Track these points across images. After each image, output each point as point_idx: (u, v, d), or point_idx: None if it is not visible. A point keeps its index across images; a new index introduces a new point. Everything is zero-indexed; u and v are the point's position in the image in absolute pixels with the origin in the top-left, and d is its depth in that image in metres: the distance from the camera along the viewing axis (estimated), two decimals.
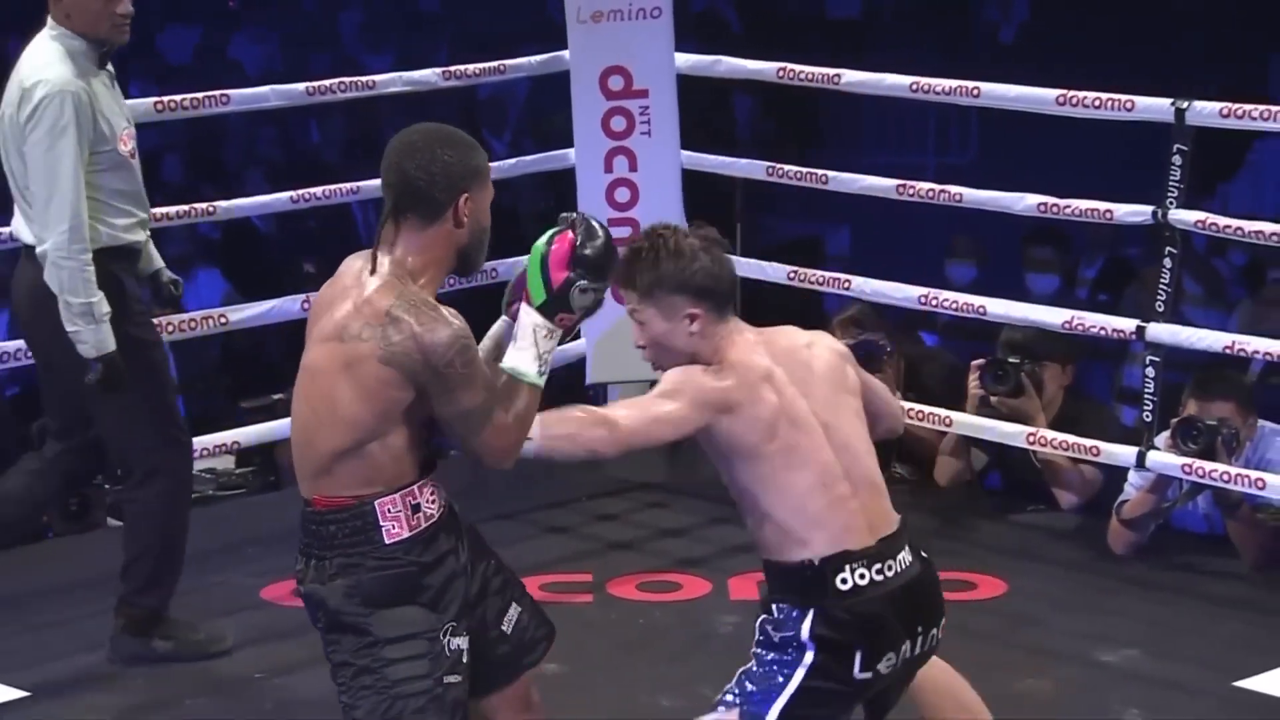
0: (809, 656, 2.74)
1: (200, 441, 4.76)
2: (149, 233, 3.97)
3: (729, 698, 2.79)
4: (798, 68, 4.96)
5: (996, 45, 9.17)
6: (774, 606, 2.78)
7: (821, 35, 9.10)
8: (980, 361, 4.78)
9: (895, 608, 2.76)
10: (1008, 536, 4.74)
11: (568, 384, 5.70)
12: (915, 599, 2.79)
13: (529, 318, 2.73)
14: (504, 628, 2.85)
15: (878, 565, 2.76)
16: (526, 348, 2.71)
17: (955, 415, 4.75)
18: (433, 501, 2.75)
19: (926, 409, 4.80)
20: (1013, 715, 3.77)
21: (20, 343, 4.58)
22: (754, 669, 2.78)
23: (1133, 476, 4.52)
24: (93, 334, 3.75)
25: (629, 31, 5.07)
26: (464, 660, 2.75)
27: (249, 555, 4.49)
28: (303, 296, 4.74)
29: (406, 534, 2.72)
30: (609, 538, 4.74)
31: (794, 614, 2.75)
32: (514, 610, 2.87)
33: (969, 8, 9.54)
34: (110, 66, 3.86)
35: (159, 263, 4.05)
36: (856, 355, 4.84)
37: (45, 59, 3.76)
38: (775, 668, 2.76)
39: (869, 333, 4.96)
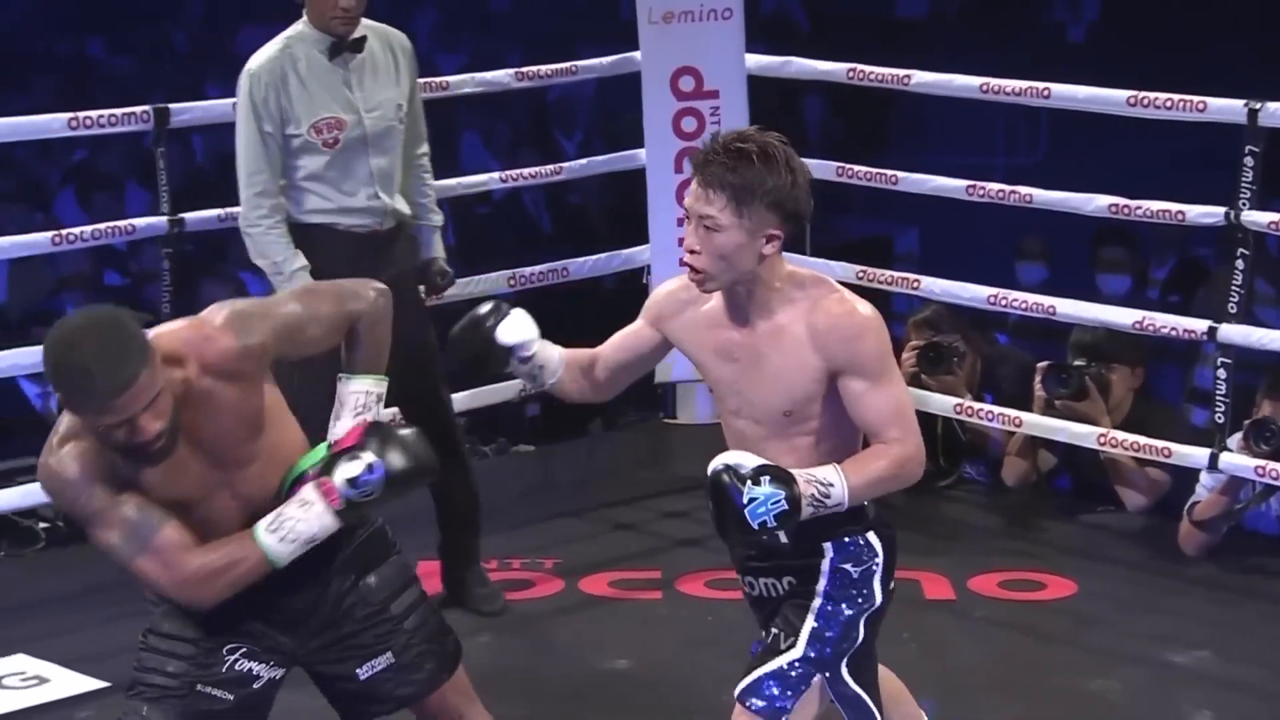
0: (878, 598, 2.72)
1: None
2: (375, 221, 4.05)
3: (801, 669, 2.69)
4: (868, 68, 4.93)
5: (1065, 45, 9.11)
6: (829, 545, 2.70)
7: (889, 36, 9.06)
8: (1044, 365, 4.74)
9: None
10: (1076, 537, 4.70)
11: (635, 385, 5.69)
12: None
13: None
14: (359, 672, 2.83)
15: None
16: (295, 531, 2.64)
17: (1026, 416, 4.71)
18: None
19: (997, 409, 4.76)
20: (1082, 715, 3.74)
21: None
22: (827, 629, 2.70)
23: (1205, 478, 4.47)
24: (289, 285, 3.96)
25: (700, 32, 5.06)
26: (251, 685, 2.75)
27: None
28: None
29: None
30: (677, 535, 4.73)
31: (863, 542, 2.71)
32: (382, 660, 2.84)
33: (1037, 8, 9.47)
34: (355, 57, 3.99)
35: (433, 252, 4.20)
36: (927, 357, 4.89)
37: (264, 46, 4.01)
38: (844, 629, 2.70)
39: (943, 334, 4.93)
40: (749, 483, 2.59)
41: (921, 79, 4.85)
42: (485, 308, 2.83)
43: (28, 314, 6.31)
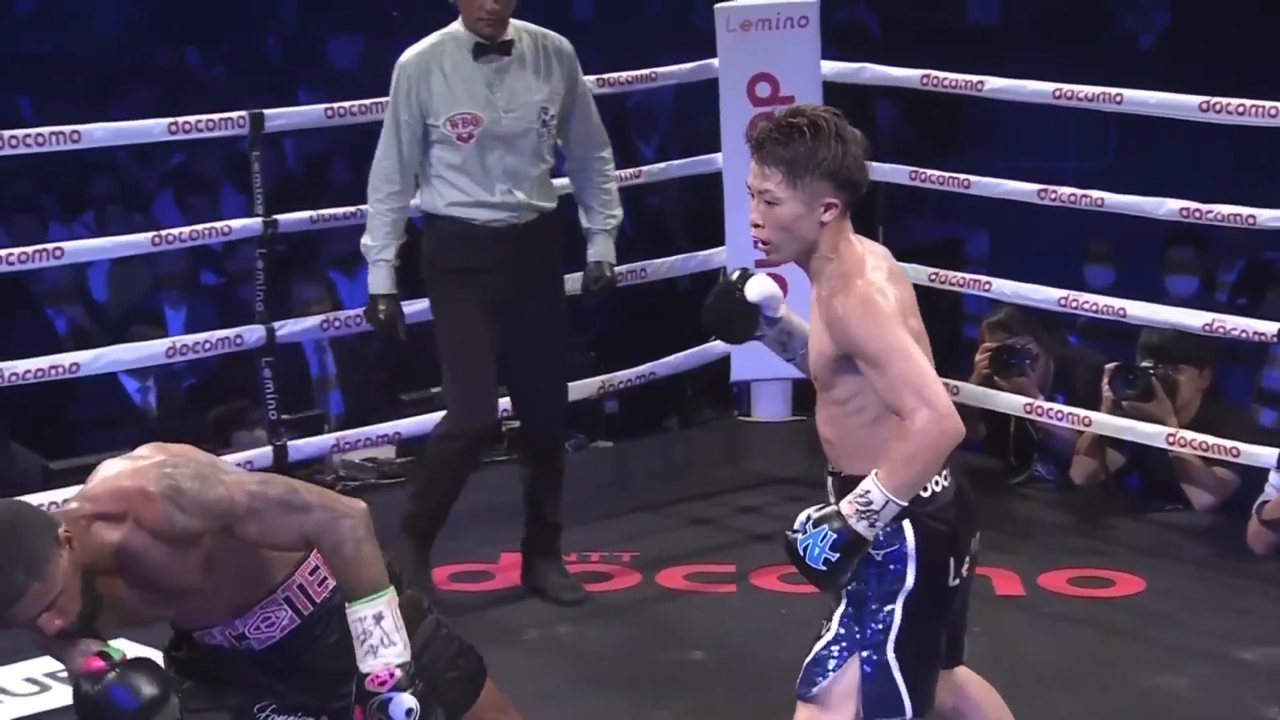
0: (910, 581, 2.70)
1: (363, 432, 4.82)
2: (511, 215, 4.08)
3: (837, 649, 2.72)
4: (941, 74, 4.89)
5: (1135, 52, 8.99)
6: None
7: (960, 42, 8.98)
8: (1112, 366, 4.69)
9: (962, 513, 2.75)
10: (1145, 535, 4.64)
11: (710, 383, 5.69)
12: (969, 503, 2.78)
13: None
14: None
15: (945, 471, 2.73)
16: None
17: (1095, 415, 4.65)
18: (271, 624, 2.68)
19: (1066, 409, 4.71)
20: (1151, 711, 3.69)
21: (199, 335, 4.66)
22: (857, 608, 2.71)
23: (1274, 477, 4.38)
24: (370, 272, 4.13)
25: (776, 40, 5.05)
26: None
27: None
28: None
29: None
30: (751, 530, 4.71)
31: (890, 529, 2.68)
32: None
33: (1107, 15, 9.36)
34: (501, 58, 4.04)
35: (596, 254, 4.25)
36: (1000, 360, 4.84)
37: (421, 41, 4.10)
38: (877, 605, 2.70)
39: (1016, 337, 4.88)
40: (799, 535, 2.66)
41: (995, 85, 4.80)
42: (735, 272, 2.90)
43: (128, 312, 6.38)
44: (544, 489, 4.22)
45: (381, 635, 2.57)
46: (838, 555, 2.63)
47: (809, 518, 2.67)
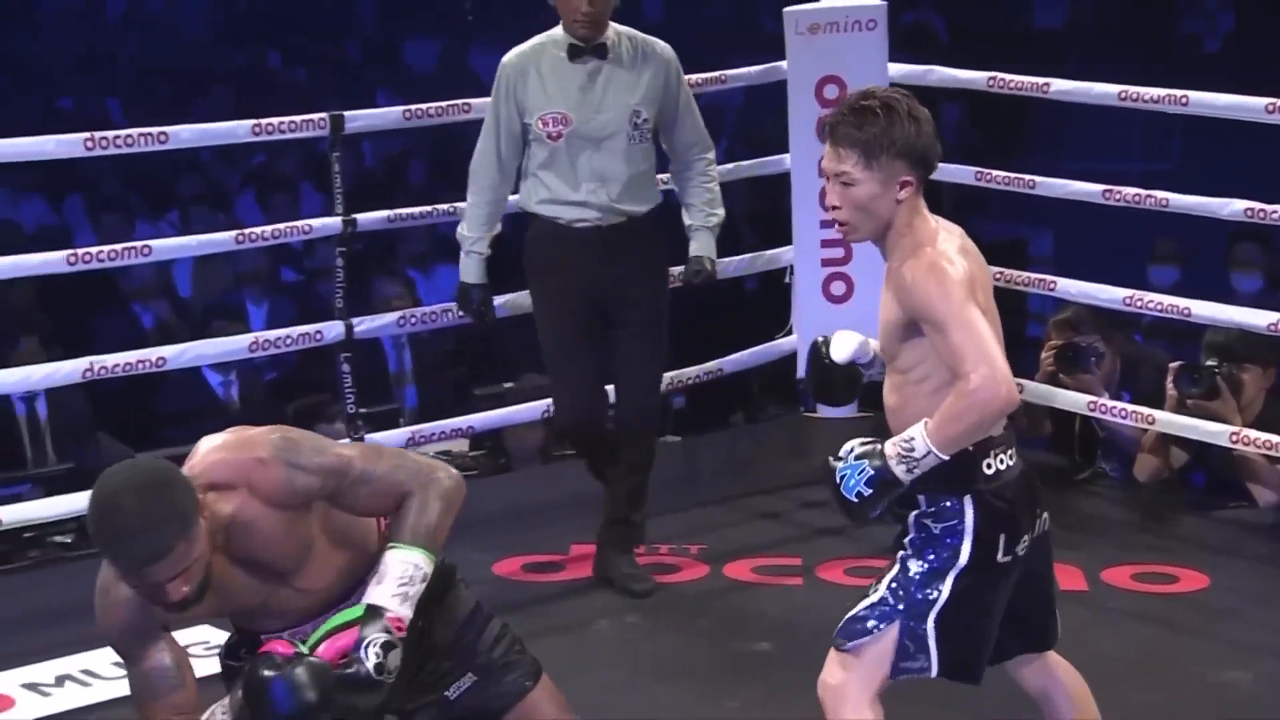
0: (964, 557, 2.70)
1: (437, 425, 4.85)
2: (597, 216, 4.11)
3: (880, 612, 2.73)
4: (1007, 77, 4.85)
5: (1201, 55, 8.91)
6: (921, 498, 2.72)
7: (1025, 46, 8.92)
8: (1176, 364, 4.64)
9: (1024, 492, 2.74)
10: (1209, 532, 4.59)
11: (776, 380, 5.68)
12: (1033, 483, 2.78)
13: None
14: (448, 694, 2.73)
15: (1010, 451, 2.74)
16: None
17: (1159, 414, 4.61)
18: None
19: (1130, 407, 4.67)
20: (1214, 706, 3.65)
21: (280, 331, 4.71)
22: (907, 576, 2.72)
23: None
24: (462, 261, 4.23)
25: (844, 43, 5.03)
26: None
27: (481, 532, 4.52)
28: None
29: None
30: (817, 524, 4.70)
31: (952, 503, 2.70)
32: (467, 680, 2.74)
33: (1172, 19, 9.27)
34: (596, 60, 4.07)
35: (699, 250, 4.28)
36: (1065, 357, 4.81)
37: (524, 42, 4.14)
38: (927, 577, 2.71)
39: (1084, 335, 4.84)
40: (839, 464, 2.69)
41: (1060, 87, 4.76)
42: (818, 339, 2.95)
43: (211, 308, 6.46)
44: (627, 485, 4.23)
45: (416, 592, 2.52)
46: (870, 491, 2.66)
47: (852, 449, 2.69)
